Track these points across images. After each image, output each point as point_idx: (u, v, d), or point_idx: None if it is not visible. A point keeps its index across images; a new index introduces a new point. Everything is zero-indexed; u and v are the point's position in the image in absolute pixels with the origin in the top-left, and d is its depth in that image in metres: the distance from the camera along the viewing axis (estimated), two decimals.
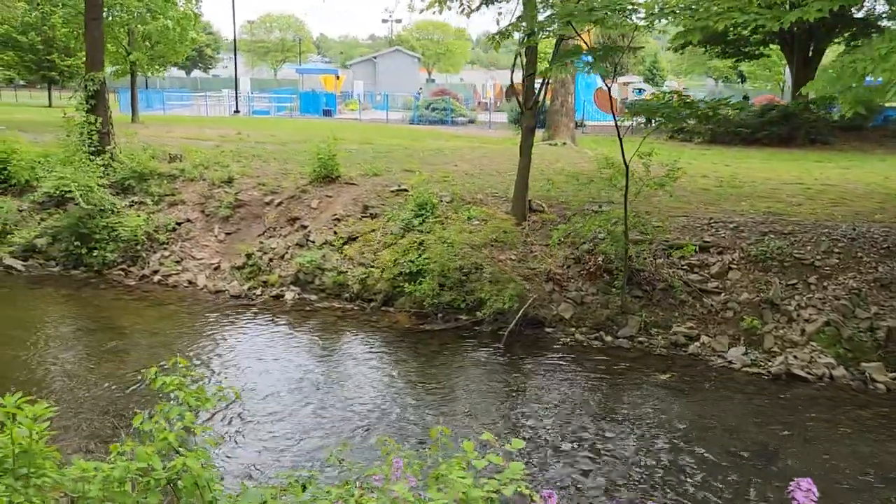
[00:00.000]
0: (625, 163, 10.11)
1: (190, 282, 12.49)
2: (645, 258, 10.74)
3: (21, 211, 14.22)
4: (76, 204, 13.17)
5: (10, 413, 2.50)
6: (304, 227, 13.09)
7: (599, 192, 13.01)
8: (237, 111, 37.96)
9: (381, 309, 11.40)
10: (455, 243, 10.51)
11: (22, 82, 74.79)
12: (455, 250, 10.41)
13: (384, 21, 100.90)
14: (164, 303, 11.68)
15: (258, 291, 12.03)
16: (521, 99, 13.09)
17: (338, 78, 45.47)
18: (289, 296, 11.87)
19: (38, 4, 33.08)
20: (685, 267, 10.80)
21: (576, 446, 7.08)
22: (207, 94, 43.53)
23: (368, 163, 15.79)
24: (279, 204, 13.87)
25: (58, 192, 13.10)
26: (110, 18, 26.23)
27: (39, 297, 11.85)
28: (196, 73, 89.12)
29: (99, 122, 14.85)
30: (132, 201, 14.15)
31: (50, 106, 44.47)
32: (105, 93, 15.35)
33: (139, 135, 21.07)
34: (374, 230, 12.64)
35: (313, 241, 12.68)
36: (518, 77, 12.88)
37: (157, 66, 29.09)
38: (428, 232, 11.56)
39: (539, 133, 21.25)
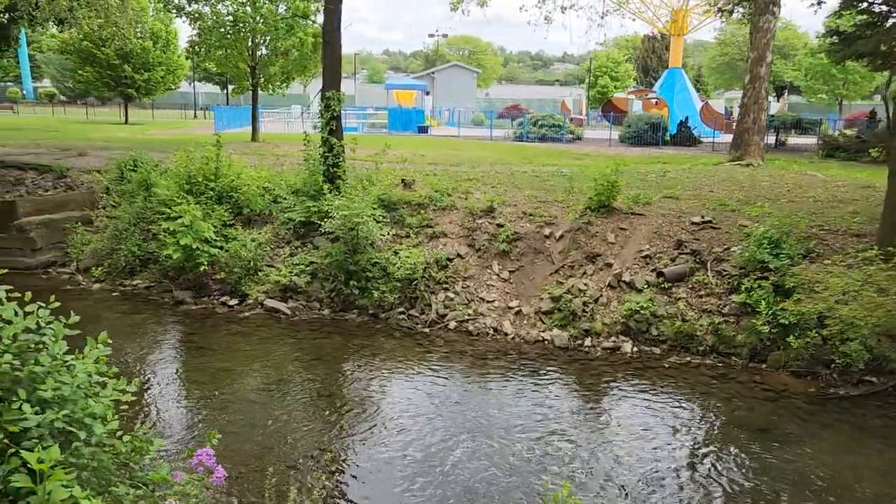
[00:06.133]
0: None
1: (495, 329, 10.87)
2: None
3: (259, 245, 12.66)
4: (340, 238, 11.62)
5: None
6: (609, 265, 11.48)
7: None
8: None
9: (748, 366, 9.76)
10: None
11: (63, 97, 74.25)
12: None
13: (430, 36, 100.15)
14: (484, 356, 10.02)
15: (587, 342, 10.40)
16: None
17: (427, 94, 44.09)
18: (626, 348, 10.24)
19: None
20: None
21: None
22: (293, 110, 42.10)
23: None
24: (560, 237, 12.28)
25: (347, 226, 11.48)
26: (240, 34, 25.00)
27: (335, 348, 10.22)
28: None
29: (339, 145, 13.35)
30: (387, 233, 12.56)
31: (126, 123, 43.22)
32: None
33: (290, 156, 19.74)
34: (699, 269, 11.02)
35: (628, 282, 11.06)
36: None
37: (278, 83, 27.67)
38: (795, 275, 9.87)
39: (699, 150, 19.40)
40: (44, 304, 4.06)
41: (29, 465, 3.46)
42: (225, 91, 72.15)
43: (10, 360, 3.58)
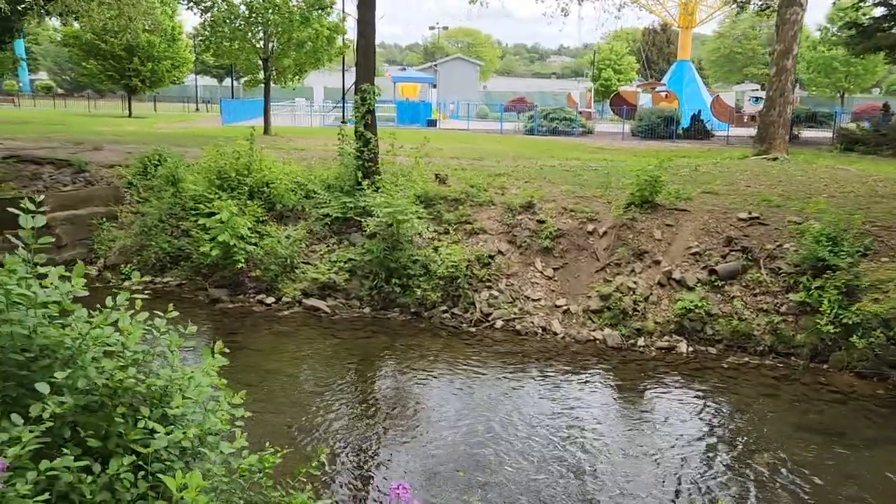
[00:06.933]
0: None
1: (543, 328, 10.59)
2: None
3: (295, 241, 12.32)
4: (378, 234, 11.32)
5: None
6: (657, 262, 11.21)
7: None
8: (344, 122, 36.11)
9: (809, 366, 9.51)
10: None
11: (60, 90, 73.41)
12: None
13: (431, 28, 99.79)
14: (537, 356, 9.72)
15: (640, 342, 10.13)
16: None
17: (434, 87, 43.70)
18: (682, 348, 9.98)
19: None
20: None
21: None
22: (297, 102, 41.66)
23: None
24: (604, 234, 12.00)
25: (387, 222, 11.18)
26: (252, 25, 24.56)
27: (382, 348, 9.90)
28: (227, 81, 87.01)
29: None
30: (429, 230, 12.25)
31: (130, 116, 42.64)
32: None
33: (309, 149, 19.46)
34: (752, 266, 10.76)
35: (678, 280, 10.80)
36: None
37: (290, 76, 27.23)
38: (867, 273, 9.62)
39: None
40: (160, 313, 3.76)
41: (159, 489, 3.18)
42: (227, 83, 71.61)
43: (133, 373, 3.28)
